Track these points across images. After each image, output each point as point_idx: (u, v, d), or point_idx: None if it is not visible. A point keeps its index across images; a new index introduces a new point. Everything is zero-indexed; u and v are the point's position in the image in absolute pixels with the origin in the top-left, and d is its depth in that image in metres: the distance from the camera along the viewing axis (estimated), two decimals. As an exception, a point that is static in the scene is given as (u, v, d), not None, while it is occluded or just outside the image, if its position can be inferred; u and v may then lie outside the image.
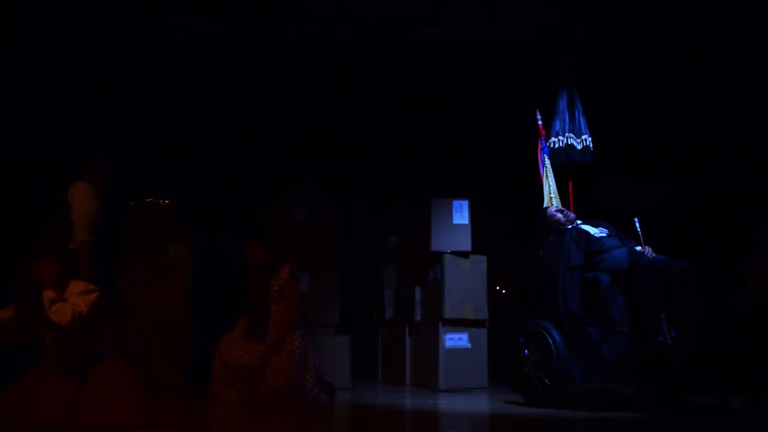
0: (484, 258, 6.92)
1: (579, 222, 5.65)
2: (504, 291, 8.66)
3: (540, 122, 6.21)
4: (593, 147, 5.94)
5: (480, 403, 5.89)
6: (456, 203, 6.94)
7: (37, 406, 4.21)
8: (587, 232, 5.48)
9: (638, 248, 5.36)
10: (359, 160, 7.85)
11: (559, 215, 5.68)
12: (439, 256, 6.82)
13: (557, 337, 5.19)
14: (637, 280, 5.04)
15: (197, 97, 7.17)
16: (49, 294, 4.28)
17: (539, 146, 6.15)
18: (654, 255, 5.26)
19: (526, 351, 5.43)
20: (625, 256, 5.23)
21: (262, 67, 7.25)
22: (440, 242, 6.87)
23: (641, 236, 5.32)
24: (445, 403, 5.89)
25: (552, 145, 5.99)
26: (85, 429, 4.15)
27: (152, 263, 6.48)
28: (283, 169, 7.36)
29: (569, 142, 5.90)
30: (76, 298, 4.30)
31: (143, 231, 6.55)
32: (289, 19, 6.90)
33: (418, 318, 7.09)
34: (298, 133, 7.63)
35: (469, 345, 6.73)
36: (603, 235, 5.46)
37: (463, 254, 6.85)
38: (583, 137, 5.94)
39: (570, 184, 6.02)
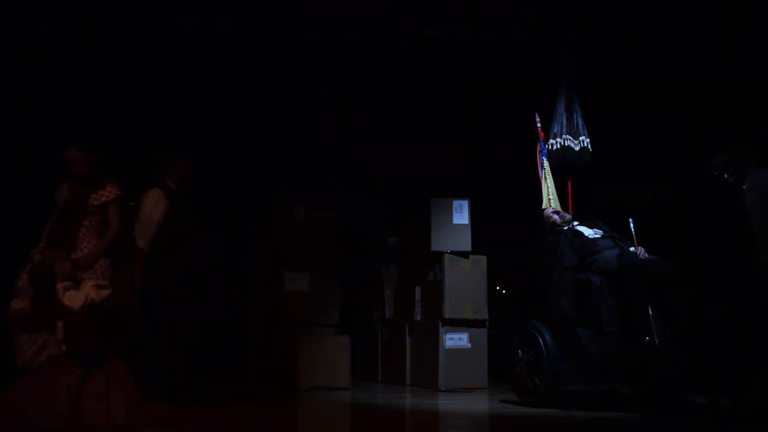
0: (484, 258, 6.92)
1: (576, 223, 5.69)
2: (504, 291, 8.66)
3: (539, 125, 6.23)
4: (592, 148, 5.96)
5: (480, 403, 5.89)
6: (456, 203, 6.94)
7: (39, 406, 4.22)
8: (581, 233, 5.53)
9: (632, 249, 5.37)
10: (359, 161, 7.85)
11: (555, 217, 5.74)
12: (439, 256, 6.82)
13: (547, 338, 5.25)
14: (626, 280, 5.06)
15: (196, 95, 7.16)
16: (63, 284, 4.46)
17: (538, 148, 6.17)
18: (647, 256, 5.26)
19: (519, 351, 5.48)
20: (614, 256, 5.25)
21: (262, 65, 7.25)
22: (440, 242, 6.88)
23: (634, 237, 5.32)
24: (445, 403, 5.90)
25: (550, 147, 6.02)
26: (85, 429, 4.15)
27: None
28: (282, 169, 7.35)
29: (566, 144, 5.92)
30: (89, 290, 4.49)
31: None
32: (291, 18, 6.91)
33: (418, 318, 7.09)
34: (298, 132, 7.62)
35: (469, 345, 6.73)
36: (597, 236, 5.49)
37: (463, 254, 6.85)
38: (581, 138, 5.97)
39: (569, 185, 6.04)
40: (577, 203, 6.01)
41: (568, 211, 5.94)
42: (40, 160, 6.36)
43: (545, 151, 6.09)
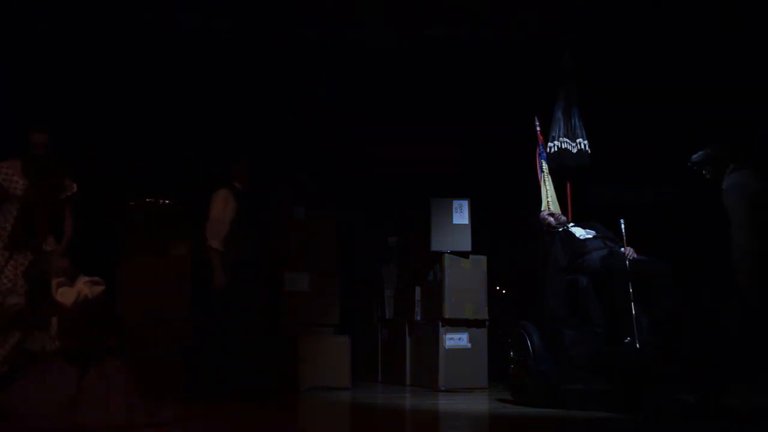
0: (484, 258, 6.92)
1: (571, 224, 5.72)
2: (504, 291, 8.66)
3: (538, 128, 6.25)
4: (591, 149, 5.99)
5: (480, 403, 5.89)
6: (456, 203, 6.94)
7: (38, 406, 4.23)
8: (573, 234, 5.55)
9: (621, 249, 5.37)
10: (359, 161, 7.85)
11: (551, 219, 5.81)
12: (439, 256, 6.82)
13: (535, 338, 5.32)
14: (609, 281, 5.09)
15: (196, 95, 7.16)
16: (57, 280, 4.49)
17: (537, 151, 6.20)
18: (636, 256, 5.26)
19: (511, 351, 5.53)
20: (600, 257, 5.27)
21: (262, 65, 7.25)
22: (440, 242, 6.87)
23: (624, 237, 5.33)
24: (445, 403, 5.89)
25: (549, 150, 6.06)
26: (85, 429, 4.15)
27: (152, 263, 6.48)
28: (282, 169, 7.35)
29: (563, 146, 5.95)
30: (82, 286, 4.51)
31: (143, 231, 6.55)
32: (291, 18, 6.91)
33: (418, 318, 7.09)
34: (298, 132, 7.63)
35: (469, 345, 6.73)
36: (589, 237, 5.51)
37: (463, 254, 6.85)
38: (578, 140, 5.99)
39: (568, 186, 6.05)
40: (576, 204, 6.02)
41: (567, 213, 5.96)
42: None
43: (544, 154, 6.13)
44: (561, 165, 6.03)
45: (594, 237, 5.52)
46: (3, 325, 4.68)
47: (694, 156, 5.12)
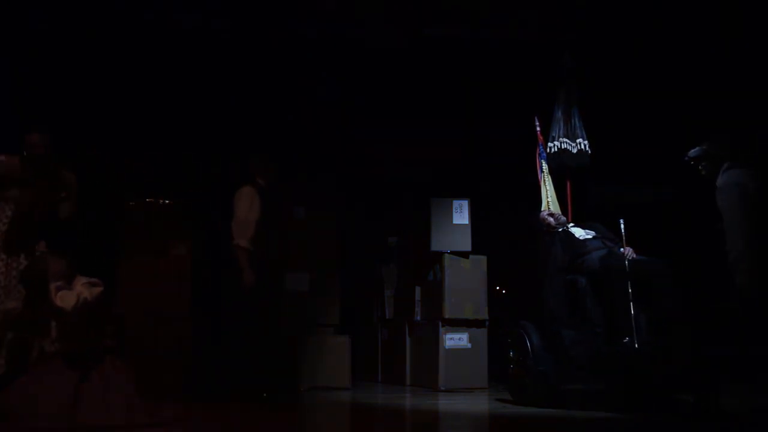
0: (484, 258, 6.92)
1: (571, 224, 5.72)
2: (504, 291, 8.66)
3: (538, 128, 6.25)
4: (591, 149, 5.99)
5: (480, 403, 5.89)
6: (456, 203, 6.94)
7: (38, 406, 4.22)
8: (573, 235, 5.56)
9: (621, 249, 5.38)
10: (359, 161, 7.84)
11: (550, 219, 5.82)
12: (439, 256, 6.82)
13: (534, 338, 5.33)
14: (608, 281, 5.08)
15: (196, 95, 7.16)
16: (55, 284, 4.44)
17: (537, 152, 6.21)
18: (635, 256, 5.27)
19: (511, 351, 5.54)
20: (599, 257, 5.27)
21: (262, 65, 7.25)
22: (440, 242, 6.88)
23: (624, 237, 5.33)
24: (445, 403, 5.90)
25: (549, 150, 6.06)
26: (85, 429, 4.15)
27: (152, 263, 6.47)
28: (282, 169, 7.35)
29: (563, 147, 5.96)
30: (81, 288, 4.47)
31: (143, 231, 6.54)
32: (291, 18, 6.92)
33: (418, 318, 7.10)
34: (298, 132, 7.63)
35: (469, 345, 6.73)
36: (588, 237, 5.52)
37: (463, 254, 6.85)
38: (578, 141, 5.99)
39: (568, 186, 6.06)
40: (576, 204, 6.03)
41: (567, 213, 5.97)
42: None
43: (544, 154, 6.14)
44: (561, 165, 6.05)
45: (594, 237, 5.53)
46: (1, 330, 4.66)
47: (692, 151, 5.13)
